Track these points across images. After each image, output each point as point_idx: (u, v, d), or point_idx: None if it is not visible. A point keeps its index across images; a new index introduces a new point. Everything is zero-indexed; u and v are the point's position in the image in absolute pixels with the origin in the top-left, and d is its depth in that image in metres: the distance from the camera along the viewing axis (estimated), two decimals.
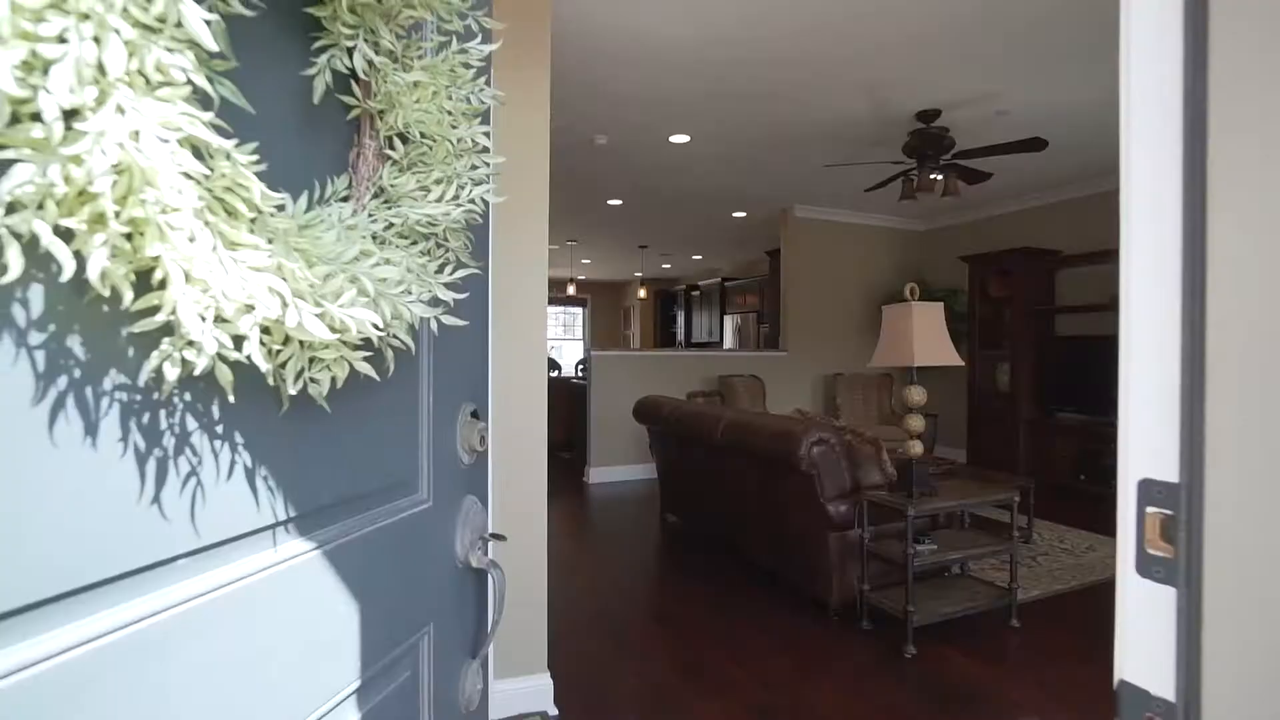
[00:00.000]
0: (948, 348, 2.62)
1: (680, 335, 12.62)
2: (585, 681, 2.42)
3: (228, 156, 0.41)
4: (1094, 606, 3.05)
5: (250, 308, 0.43)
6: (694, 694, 2.31)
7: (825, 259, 6.99)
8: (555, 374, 10.47)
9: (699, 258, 10.76)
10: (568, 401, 7.81)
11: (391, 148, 0.67)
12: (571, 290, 10.50)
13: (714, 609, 3.03)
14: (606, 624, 2.88)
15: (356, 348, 0.56)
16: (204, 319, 0.41)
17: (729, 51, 3.31)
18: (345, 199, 0.65)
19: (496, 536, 0.93)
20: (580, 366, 9.04)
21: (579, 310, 14.69)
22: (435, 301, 0.67)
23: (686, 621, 2.91)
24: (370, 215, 0.64)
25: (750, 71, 3.54)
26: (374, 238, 0.63)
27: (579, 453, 6.45)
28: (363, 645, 0.68)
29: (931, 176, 3.90)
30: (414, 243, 0.67)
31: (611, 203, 6.75)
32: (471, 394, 0.94)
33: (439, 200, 0.67)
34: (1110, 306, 5.38)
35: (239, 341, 0.43)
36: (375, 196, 0.67)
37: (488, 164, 0.73)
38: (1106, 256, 5.40)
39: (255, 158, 0.43)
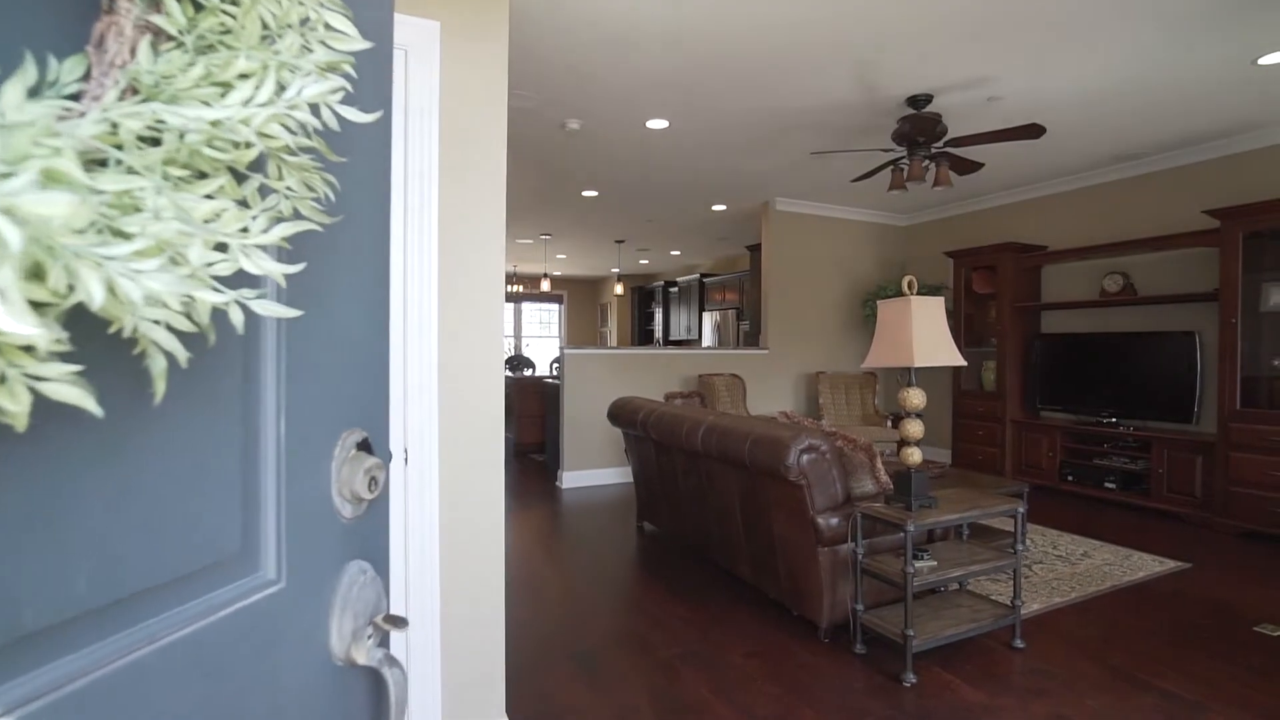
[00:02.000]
0: (950, 346, 2.39)
1: (658, 333, 12.37)
2: None
3: None
4: (1099, 622, 2.86)
5: None
6: None
7: (807, 254, 6.79)
8: (529, 373, 10.15)
9: (677, 253, 10.52)
10: (541, 402, 7.52)
11: (160, 10, 0.39)
12: (546, 286, 10.19)
13: (695, 632, 2.78)
14: (576, 653, 2.61)
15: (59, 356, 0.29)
16: None
17: (709, 28, 3.05)
18: (76, 95, 0.37)
19: (393, 622, 0.65)
20: (555, 365, 8.76)
21: (555, 307, 14.37)
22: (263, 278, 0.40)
23: (664, 647, 2.65)
24: (107, 118, 0.36)
25: (732, 51, 3.28)
26: (114, 162, 0.35)
27: (553, 455, 6.16)
28: None
29: (923, 164, 3.68)
30: (204, 176, 0.40)
31: (586, 194, 6.46)
32: (359, 416, 0.67)
33: (246, 103, 0.40)
34: (1099, 303, 5.25)
35: None
36: (130, 95, 0.39)
37: (340, 51, 0.45)
38: (1094, 252, 5.27)
39: None
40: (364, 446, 0.66)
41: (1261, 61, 3.42)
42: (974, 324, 6.08)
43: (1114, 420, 5.12)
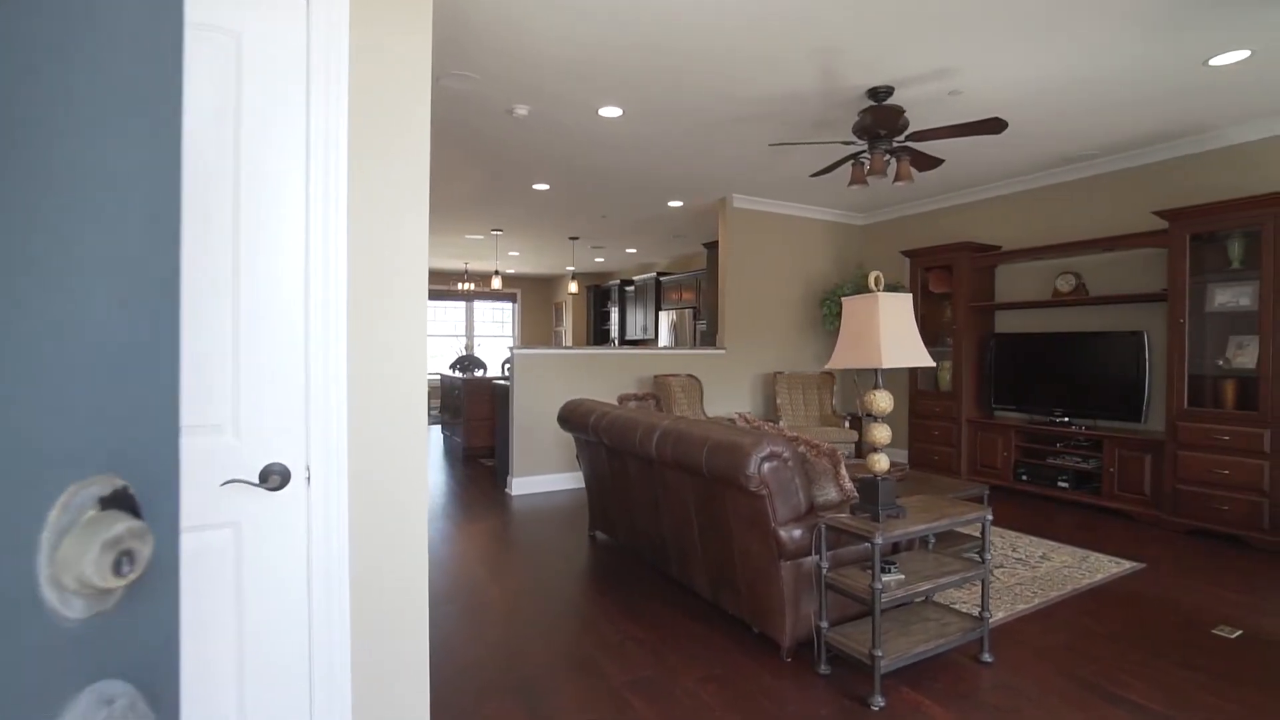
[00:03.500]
0: (919, 346, 2.25)
1: (614, 332, 12.14)
2: None
3: None
4: (1064, 630, 2.77)
5: None
6: None
7: (765, 252, 6.67)
8: (481, 373, 9.80)
9: (633, 251, 10.32)
10: (491, 404, 7.21)
11: None
12: (498, 284, 9.84)
13: (649, 655, 2.57)
14: (517, 684, 2.37)
15: None
16: None
17: (662, 4, 2.84)
18: None
19: None
20: (506, 365, 8.45)
21: (508, 305, 14.00)
22: None
23: (615, 673, 2.44)
24: None
25: (687, 33, 3.09)
26: None
27: (502, 460, 5.88)
28: None
29: (884, 159, 3.57)
30: None
31: (538, 187, 6.20)
32: (109, 451, 0.43)
33: None
34: (1051, 303, 5.27)
35: None
36: None
37: None
38: (1046, 252, 5.29)
39: None
40: (117, 502, 0.42)
41: (1212, 62, 3.42)
42: (930, 323, 6.07)
43: (1066, 419, 5.15)
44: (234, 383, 1.36)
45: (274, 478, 1.40)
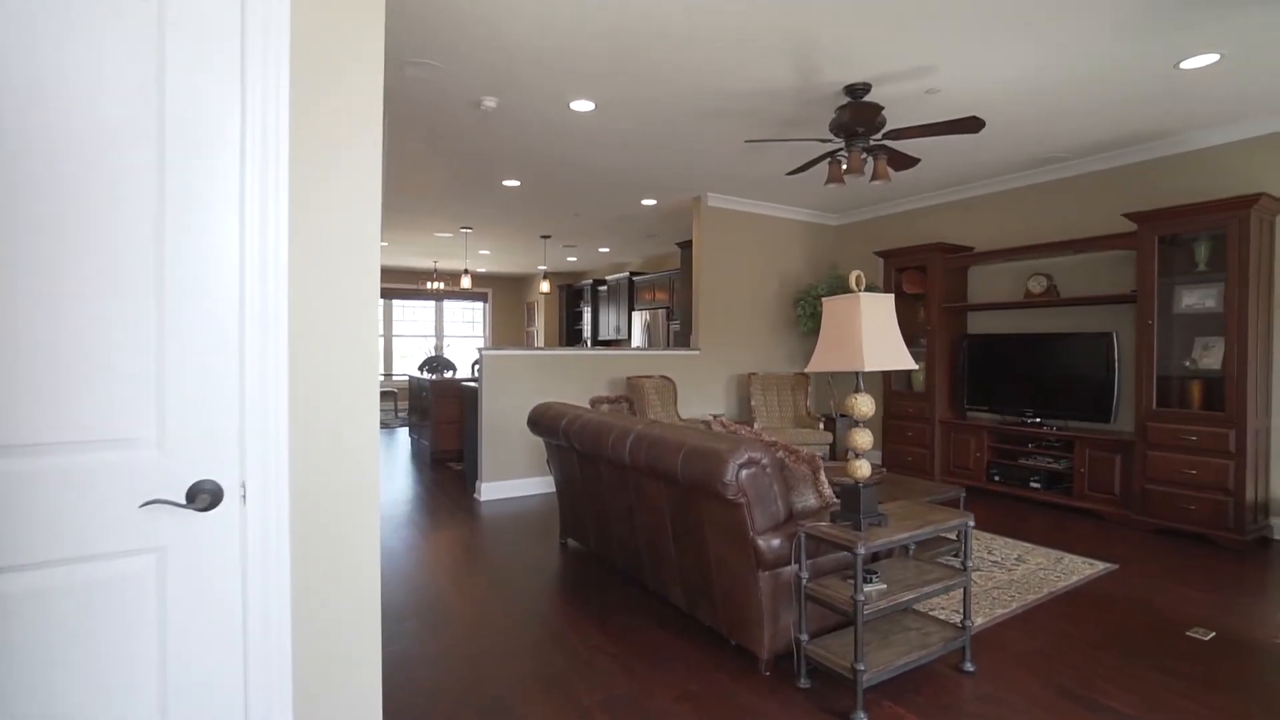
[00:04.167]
0: (901, 348, 2.17)
1: (587, 333, 12.00)
2: None
3: None
4: (1042, 635, 2.73)
5: None
6: None
7: (739, 252, 6.61)
8: (450, 375, 9.58)
9: (606, 250, 10.19)
10: (460, 406, 7.02)
11: None
12: (467, 283, 9.62)
13: (622, 671, 2.46)
14: (482, 705, 2.24)
15: None
16: None
17: None
18: None
19: None
20: (475, 367, 8.26)
21: (480, 305, 13.75)
22: None
23: (586, 691, 2.32)
24: None
25: (661, 21, 2.98)
26: None
27: (471, 465, 5.71)
28: None
29: (862, 157, 3.51)
30: None
31: (508, 184, 6.03)
32: None
33: None
34: (1023, 304, 5.29)
35: None
36: None
37: None
38: (1019, 253, 5.31)
39: None
40: None
41: (1183, 65, 3.43)
42: (903, 324, 6.04)
43: (1038, 420, 5.18)
44: (157, 389, 1.21)
45: (203, 496, 1.25)
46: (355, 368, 1.47)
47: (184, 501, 1.23)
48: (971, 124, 3.30)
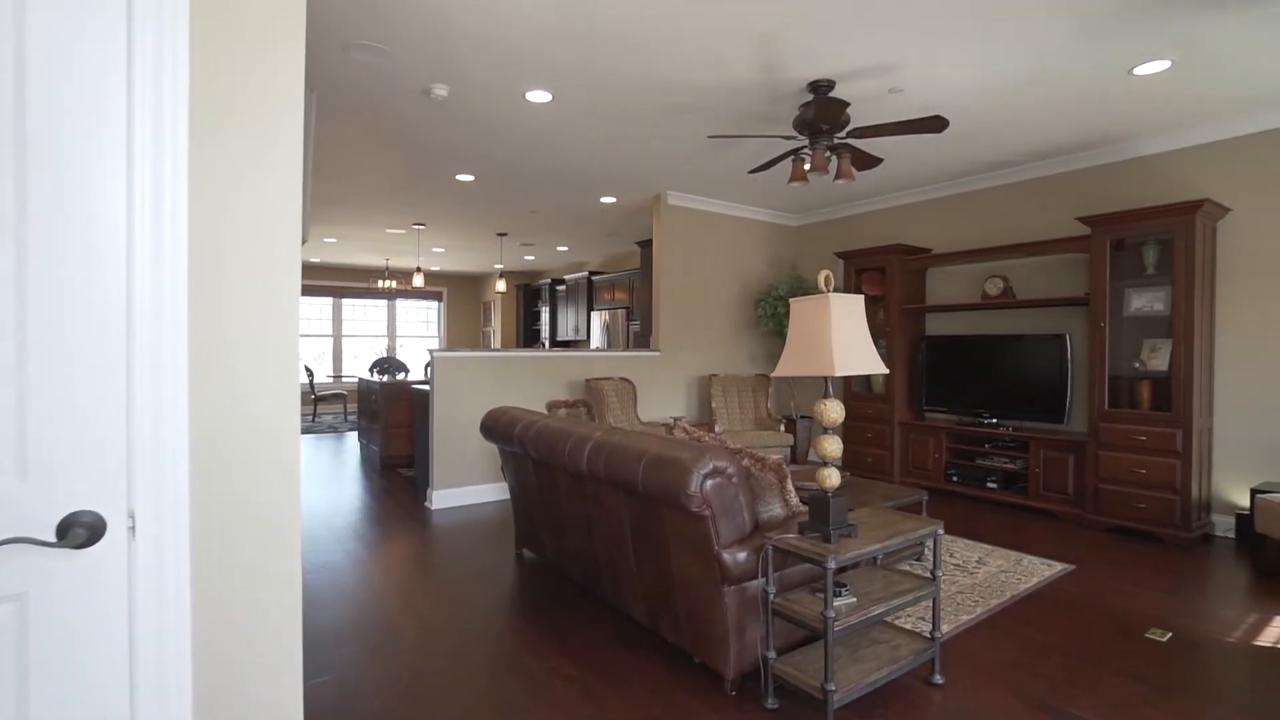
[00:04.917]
0: (872, 352, 2.09)
1: (545, 333, 11.77)
2: None
3: None
4: (1008, 642, 2.70)
5: None
6: None
7: (699, 251, 6.52)
8: (403, 377, 9.23)
9: (564, 249, 9.99)
10: (410, 410, 6.74)
11: None
12: (420, 281, 9.29)
13: (580, 694, 2.31)
14: None
15: None
16: None
17: None
18: None
19: None
20: (427, 369, 7.97)
21: (434, 304, 13.37)
22: None
23: (542, 715, 2.16)
24: None
25: (620, 12, 2.84)
26: None
27: (422, 471, 5.46)
28: None
29: (825, 155, 3.43)
30: None
31: (461, 178, 5.80)
32: None
33: None
34: (980, 306, 5.34)
35: None
36: None
37: None
38: (976, 256, 5.36)
39: None
40: None
41: (1136, 71, 3.47)
42: None
43: (994, 421, 5.23)
44: (17, 404, 1.01)
45: (78, 531, 1.05)
46: (272, 375, 1.29)
47: (53, 539, 1.03)
48: (935, 123, 3.27)
